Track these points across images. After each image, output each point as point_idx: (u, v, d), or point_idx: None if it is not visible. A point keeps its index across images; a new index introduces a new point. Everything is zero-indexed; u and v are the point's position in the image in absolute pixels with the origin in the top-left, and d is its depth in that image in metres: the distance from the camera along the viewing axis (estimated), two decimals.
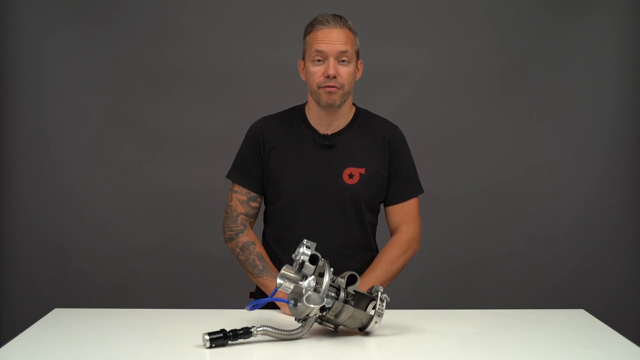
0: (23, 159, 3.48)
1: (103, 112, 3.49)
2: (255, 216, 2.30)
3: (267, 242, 2.30)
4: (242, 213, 2.25)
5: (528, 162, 3.59)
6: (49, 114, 3.47)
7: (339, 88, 2.14)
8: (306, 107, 2.28)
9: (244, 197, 2.26)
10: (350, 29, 2.17)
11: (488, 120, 3.57)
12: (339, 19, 2.16)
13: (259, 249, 2.22)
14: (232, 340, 1.75)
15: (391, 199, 2.28)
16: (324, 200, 2.21)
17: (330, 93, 2.14)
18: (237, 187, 2.27)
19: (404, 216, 2.27)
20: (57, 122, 3.47)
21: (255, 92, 3.49)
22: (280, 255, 2.23)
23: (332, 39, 2.13)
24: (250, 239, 2.22)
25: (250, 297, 2.37)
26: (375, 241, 2.34)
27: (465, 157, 3.59)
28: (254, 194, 2.26)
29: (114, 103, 3.49)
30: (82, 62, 3.46)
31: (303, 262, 1.78)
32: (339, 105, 2.18)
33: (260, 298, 2.12)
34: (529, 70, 3.54)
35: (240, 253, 2.22)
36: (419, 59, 3.56)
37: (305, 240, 1.81)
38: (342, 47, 2.13)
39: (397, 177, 2.26)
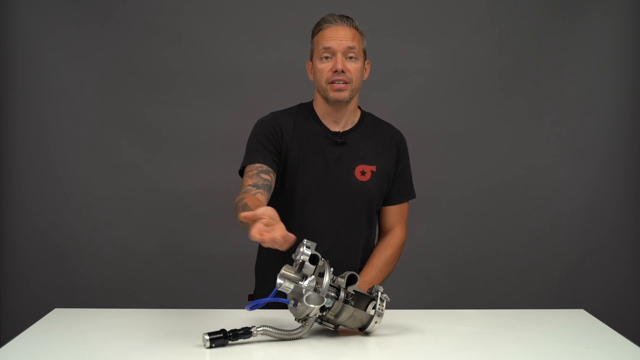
0: (23, 159, 3.48)
1: (103, 112, 3.49)
2: (266, 188, 2.06)
3: None
4: (248, 185, 2.06)
5: (528, 162, 3.59)
6: (49, 114, 3.47)
7: (348, 83, 2.14)
8: (314, 104, 2.26)
9: (255, 171, 2.09)
10: (357, 28, 2.19)
11: (489, 120, 3.57)
12: (345, 19, 2.19)
13: (247, 200, 1.95)
14: (232, 340, 1.75)
15: (392, 199, 2.30)
16: (335, 197, 2.20)
17: (339, 90, 2.14)
18: (247, 169, 2.12)
19: (399, 218, 2.32)
20: (57, 122, 3.47)
21: (255, 92, 3.49)
22: (290, 254, 2.21)
23: (339, 35, 2.15)
24: (239, 197, 1.99)
25: (249, 299, 2.36)
26: (374, 241, 2.36)
27: (465, 157, 3.59)
28: (266, 167, 2.10)
29: (114, 103, 3.49)
30: (82, 62, 3.45)
31: (303, 262, 1.78)
32: (348, 101, 2.18)
33: (259, 298, 2.10)
34: (530, 70, 3.54)
35: (237, 214, 1.89)
36: (420, 59, 3.56)
37: (305, 240, 1.80)
38: (349, 43, 2.14)
39: (399, 179, 2.29)
